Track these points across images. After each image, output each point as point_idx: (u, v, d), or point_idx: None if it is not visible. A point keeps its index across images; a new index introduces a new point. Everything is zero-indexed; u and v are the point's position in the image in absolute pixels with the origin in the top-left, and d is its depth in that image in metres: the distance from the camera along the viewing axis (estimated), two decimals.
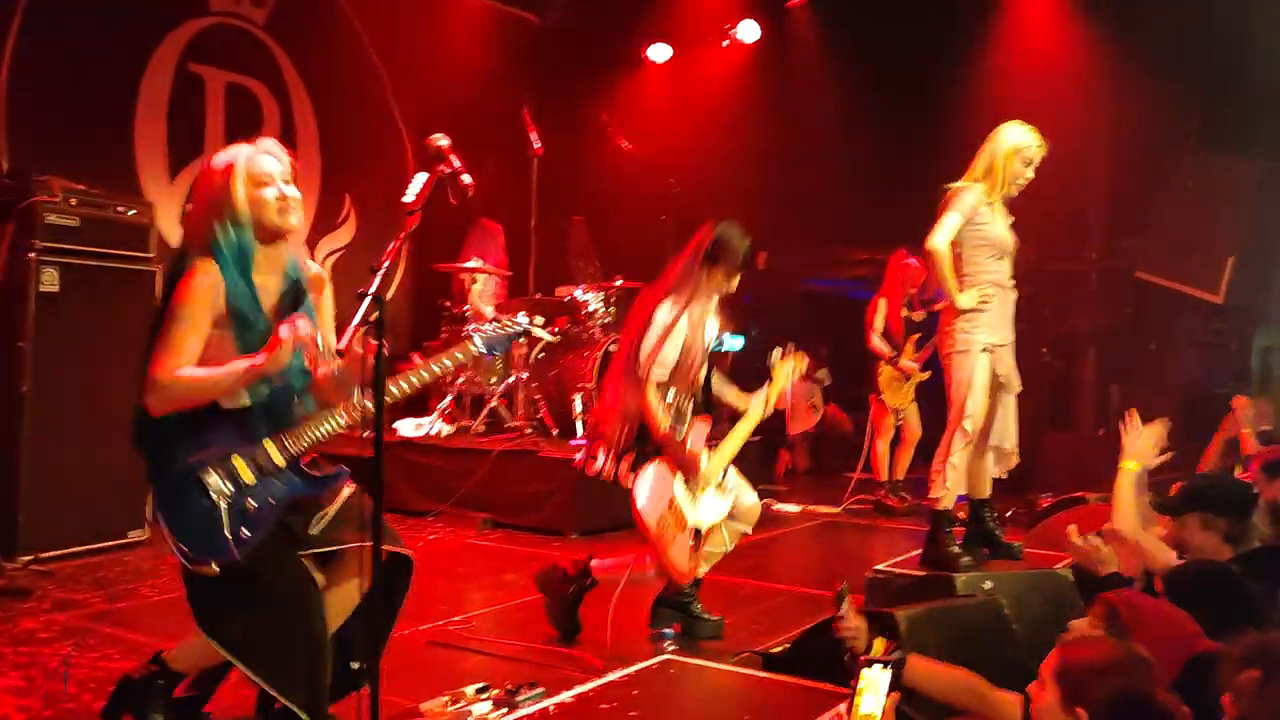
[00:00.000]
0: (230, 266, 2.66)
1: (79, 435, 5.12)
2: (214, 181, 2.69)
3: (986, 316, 4.31)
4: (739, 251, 3.89)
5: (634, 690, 2.71)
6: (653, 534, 3.60)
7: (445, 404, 7.15)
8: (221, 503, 2.59)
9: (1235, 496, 3.14)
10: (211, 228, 2.66)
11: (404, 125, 8.07)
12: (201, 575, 2.65)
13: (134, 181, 6.52)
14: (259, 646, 2.63)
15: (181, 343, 2.59)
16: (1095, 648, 2.02)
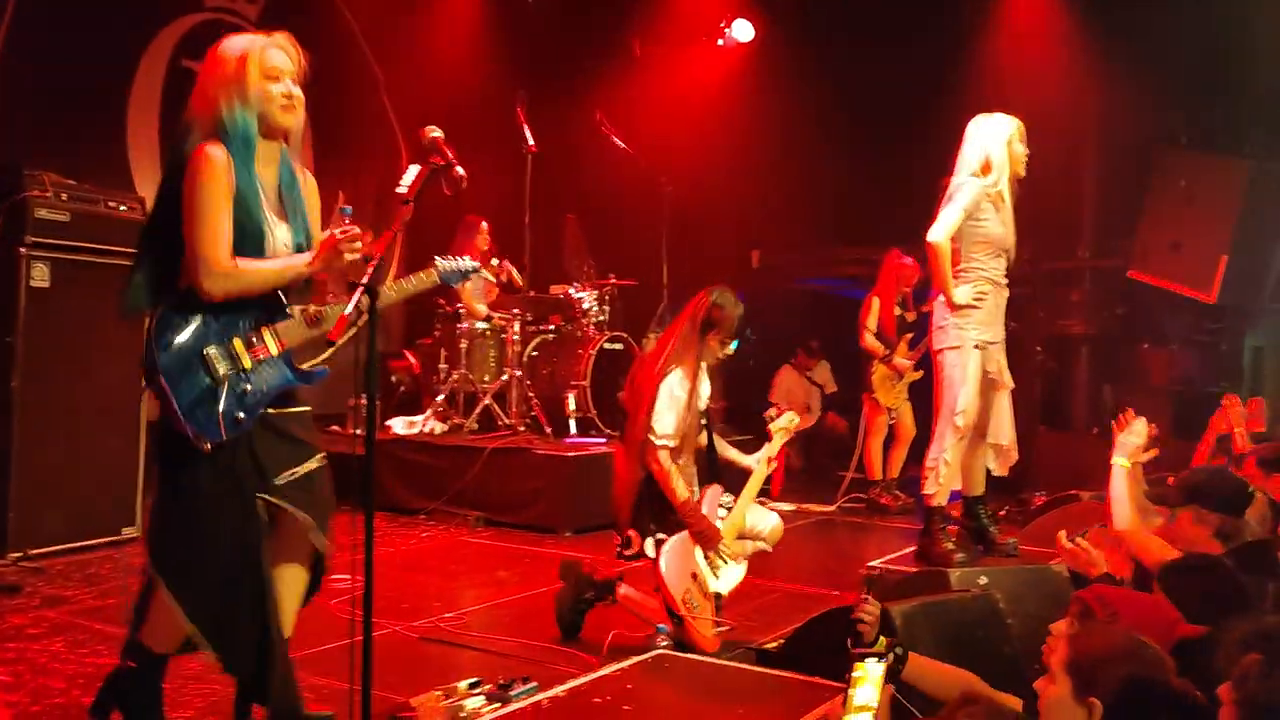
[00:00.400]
0: (237, 151, 2.66)
1: (69, 431, 5.09)
2: (226, 65, 2.68)
3: (979, 313, 4.31)
4: (734, 319, 3.99)
5: (628, 684, 2.70)
6: (680, 611, 3.66)
7: (438, 402, 7.13)
8: (223, 383, 2.63)
9: (1230, 493, 3.14)
10: (219, 109, 2.65)
11: (397, 121, 8.06)
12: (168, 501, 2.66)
13: (126, 177, 6.49)
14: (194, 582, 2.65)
15: (219, 225, 2.61)
16: (1106, 637, 2.02)
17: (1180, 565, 2.76)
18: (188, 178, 2.64)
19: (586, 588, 4.03)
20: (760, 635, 3.95)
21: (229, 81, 2.67)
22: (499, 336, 7.26)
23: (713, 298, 3.97)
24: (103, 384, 5.26)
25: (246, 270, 2.65)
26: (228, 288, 2.63)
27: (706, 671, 2.98)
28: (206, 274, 2.61)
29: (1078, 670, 1.92)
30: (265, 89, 2.69)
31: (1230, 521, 3.09)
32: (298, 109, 2.76)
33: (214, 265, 2.61)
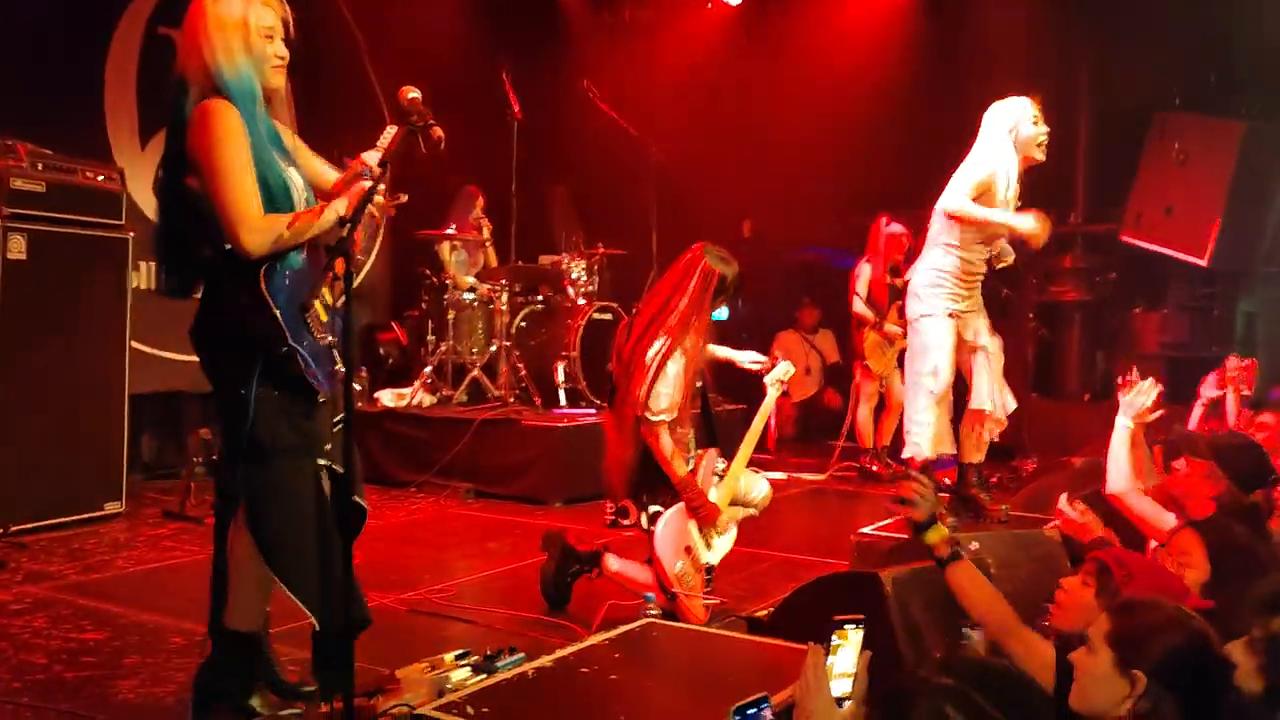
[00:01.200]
0: (245, 106, 2.62)
1: (52, 406, 5.03)
2: (224, 21, 2.62)
3: (952, 285, 4.38)
4: (733, 280, 3.87)
5: (615, 654, 2.66)
6: (673, 587, 3.62)
7: (426, 374, 7.07)
8: (321, 337, 2.67)
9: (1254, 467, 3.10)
10: (218, 65, 2.60)
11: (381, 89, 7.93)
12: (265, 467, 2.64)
13: (104, 146, 6.36)
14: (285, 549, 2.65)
15: (246, 181, 2.57)
16: (1150, 608, 1.95)
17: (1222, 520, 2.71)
18: (199, 138, 2.58)
19: (571, 560, 3.99)
20: (750, 603, 3.92)
21: (229, 38, 2.62)
22: (487, 307, 7.19)
23: (714, 266, 3.83)
24: (83, 357, 5.20)
25: (283, 222, 2.60)
26: (269, 242, 2.59)
27: (695, 640, 2.95)
28: (248, 231, 2.56)
29: (1121, 642, 1.86)
30: (263, 48, 2.67)
31: (1234, 492, 3.06)
32: (284, 69, 2.74)
33: (253, 222, 2.57)
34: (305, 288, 2.66)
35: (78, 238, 5.15)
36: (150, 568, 4.52)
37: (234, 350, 2.65)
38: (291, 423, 2.66)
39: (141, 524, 5.29)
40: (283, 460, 2.65)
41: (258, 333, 2.58)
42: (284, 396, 2.64)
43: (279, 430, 2.64)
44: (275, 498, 2.66)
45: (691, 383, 3.82)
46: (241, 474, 2.65)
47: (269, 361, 2.59)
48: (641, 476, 3.78)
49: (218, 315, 2.69)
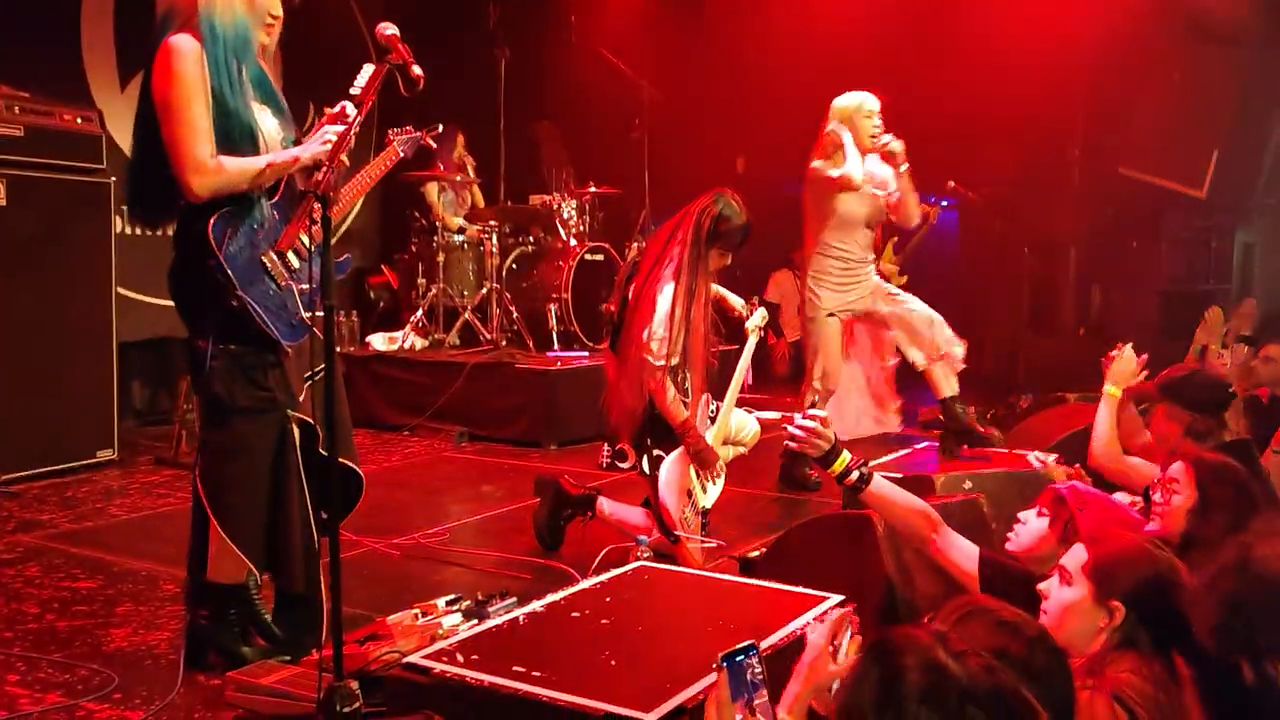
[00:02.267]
0: (222, 47, 2.58)
1: (39, 355, 5.00)
2: None
3: (832, 280, 4.86)
4: (739, 230, 3.76)
5: (606, 598, 2.65)
6: (677, 531, 3.60)
7: (417, 317, 7.02)
8: (288, 285, 2.64)
9: (1205, 393, 3.10)
10: (212, 6, 2.57)
11: (366, 27, 7.75)
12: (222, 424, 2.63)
13: (82, 87, 6.23)
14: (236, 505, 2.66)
15: (197, 120, 2.54)
16: (1122, 539, 2.00)
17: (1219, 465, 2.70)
18: (157, 74, 2.56)
19: (564, 504, 3.98)
20: (743, 544, 3.92)
21: None
22: (477, 249, 7.12)
23: (718, 207, 3.73)
24: (69, 304, 5.15)
25: (231, 167, 2.56)
26: (215, 185, 2.55)
27: (687, 582, 2.94)
28: (192, 171, 2.53)
29: (1099, 574, 1.89)
30: (266, 4, 2.65)
31: (1201, 420, 3.07)
32: (276, 29, 2.73)
33: (198, 163, 2.53)
34: (270, 235, 2.61)
35: (58, 183, 5.07)
36: (143, 515, 4.52)
37: (192, 300, 2.63)
38: (250, 378, 2.63)
39: (134, 471, 5.28)
40: (239, 417, 2.64)
41: (208, 283, 2.55)
42: (243, 351, 2.61)
43: (235, 387, 2.62)
44: (227, 455, 2.65)
45: (699, 325, 3.73)
46: (200, 427, 2.64)
47: (223, 313, 2.55)
48: (645, 420, 3.73)
49: (178, 265, 2.68)
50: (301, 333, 2.68)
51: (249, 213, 2.62)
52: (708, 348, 3.78)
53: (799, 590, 2.64)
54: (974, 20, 7.64)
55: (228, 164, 2.56)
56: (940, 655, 1.26)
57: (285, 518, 2.67)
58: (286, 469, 2.67)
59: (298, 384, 2.71)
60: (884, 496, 2.57)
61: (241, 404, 2.61)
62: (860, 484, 2.54)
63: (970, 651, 1.27)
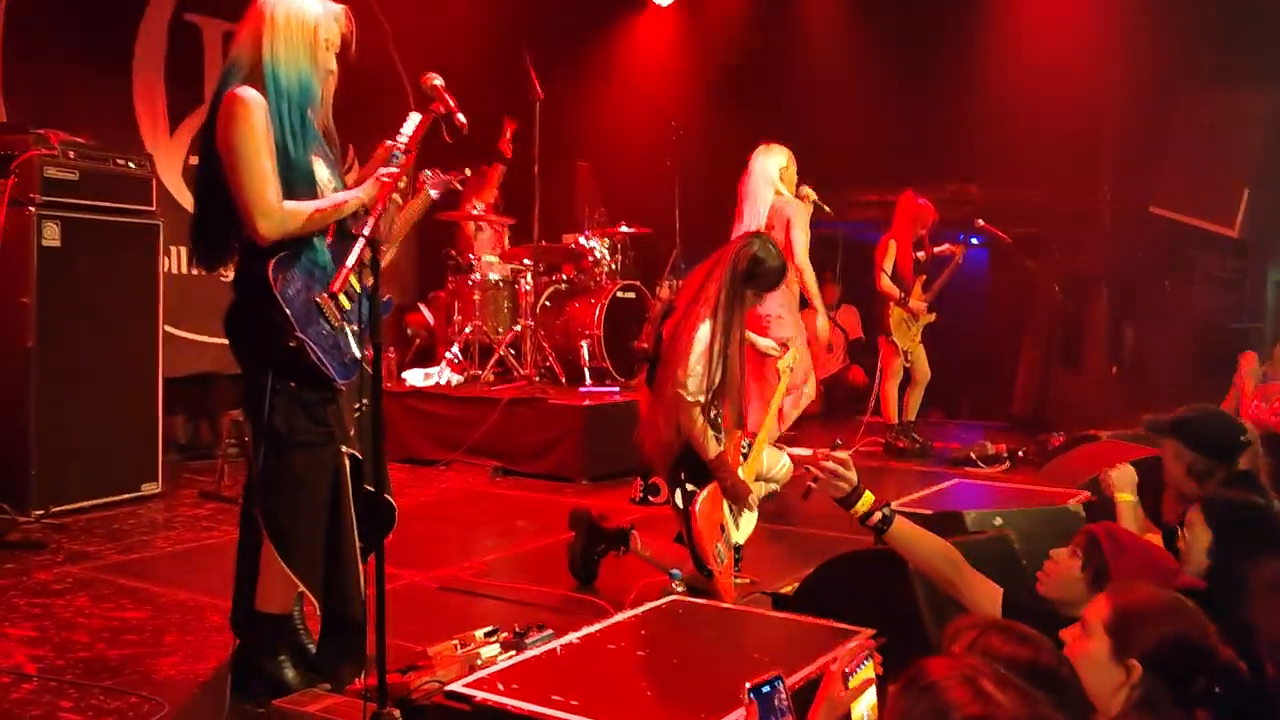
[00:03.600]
0: (286, 99, 2.69)
1: (88, 389, 5.13)
2: (294, 25, 2.71)
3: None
4: (775, 272, 3.85)
5: (642, 630, 2.71)
6: (712, 565, 3.65)
7: (453, 353, 7.13)
8: (340, 326, 2.72)
9: (1211, 434, 3.08)
10: (277, 61, 2.68)
11: (405, 73, 7.95)
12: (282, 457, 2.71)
13: (134, 134, 6.45)
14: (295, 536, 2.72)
15: (263, 167, 2.64)
16: (1147, 594, 1.91)
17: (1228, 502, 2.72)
18: (222, 124, 2.66)
19: (598, 539, 4.04)
20: (776, 580, 3.95)
21: (297, 42, 2.71)
22: (512, 287, 7.24)
23: (754, 249, 3.81)
24: (118, 341, 5.30)
25: (298, 210, 2.67)
26: (285, 229, 2.66)
27: (721, 616, 2.99)
28: (261, 216, 2.63)
29: (1118, 631, 1.83)
30: (326, 59, 2.78)
31: (1201, 460, 3.04)
32: (333, 82, 2.87)
33: (266, 207, 2.63)
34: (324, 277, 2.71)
35: (110, 224, 5.23)
36: (188, 547, 4.62)
37: (252, 339, 2.73)
38: (309, 413, 2.72)
39: (178, 504, 5.39)
40: (299, 451, 2.72)
41: (268, 323, 2.64)
42: (301, 387, 2.70)
43: (295, 421, 2.70)
44: (289, 487, 2.73)
45: (736, 363, 3.79)
46: (260, 461, 2.72)
47: (283, 352, 2.65)
48: (678, 454, 3.79)
49: (238, 305, 2.78)
50: (353, 371, 2.77)
51: (304, 256, 2.72)
52: (742, 385, 3.85)
53: (830, 624, 2.68)
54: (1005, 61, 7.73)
55: (291, 208, 2.66)
56: (987, 685, 1.28)
57: (341, 547, 2.75)
58: (341, 500, 2.75)
59: (349, 418, 2.81)
60: (907, 538, 2.60)
61: (301, 438, 2.70)
62: (883, 525, 2.58)
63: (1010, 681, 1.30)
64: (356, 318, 2.77)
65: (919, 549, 2.60)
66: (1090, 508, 3.85)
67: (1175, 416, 3.21)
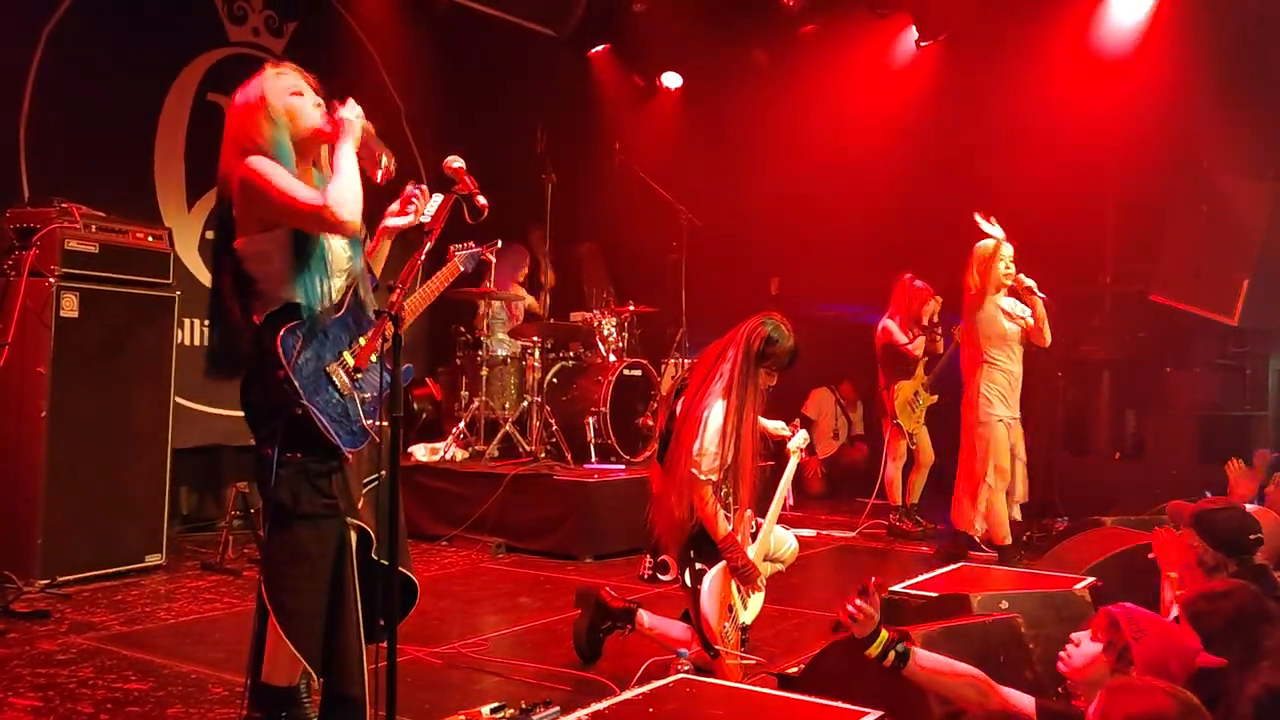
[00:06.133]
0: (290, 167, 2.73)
1: (97, 460, 5.17)
2: (248, 104, 2.76)
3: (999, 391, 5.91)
4: (786, 352, 3.87)
5: (649, 708, 2.70)
6: (718, 645, 3.65)
7: (459, 429, 7.17)
8: (349, 395, 2.74)
9: (1225, 531, 3.13)
10: (257, 140, 2.72)
11: (418, 151, 8.14)
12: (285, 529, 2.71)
13: (153, 209, 6.58)
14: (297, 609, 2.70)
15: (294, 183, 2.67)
16: (1137, 696, 1.94)
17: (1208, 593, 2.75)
18: (243, 188, 2.70)
19: (604, 616, 4.03)
20: (782, 661, 3.94)
21: (255, 114, 2.75)
22: (519, 364, 7.31)
23: (767, 329, 3.83)
24: (130, 412, 5.34)
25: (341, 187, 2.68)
26: (352, 208, 2.67)
27: (727, 696, 2.98)
28: (335, 208, 2.64)
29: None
30: (290, 104, 2.78)
31: (1211, 554, 3.09)
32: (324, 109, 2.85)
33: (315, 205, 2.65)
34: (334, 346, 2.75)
35: (127, 296, 5.33)
36: (191, 619, 4.61)
37: (259, 410, 2.75)
38: (314, 485, 2.72)
39: (181, 576, 5.39)
40: (302, 523, 2.72)
41: (276, 392, 2.67)
42: (307, 458, 2.71)
43: (300, 493, 2.70)
44: (291, 559, 2.72)
45: (748, 442, 3.80)
46: (265, 532, 2.73)
47: (290, 421, 2.68)
48: (689, 533, 3.79)
49: (252, 375, 2.80)
50: (362, 439, 2.78)
51: (315, 327, 2.76)
52: (755, 464, 3.86)
53: (837, 705, 2.67)
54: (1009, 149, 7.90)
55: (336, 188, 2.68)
56: None
57: (342, 622, 2.74)
58: (343, 574, 2.74)
59: (357, 491, 2.83)
60: (929, 670, 2.60)
61: (304, 510, 2.71)
62: (900, 664, 2.58)
63: None
64: (368, 386, 2.80)
65: (944, 678, 2.59)
66: (1096, 592, 3.85)
67: (1198, 507, 3.25)
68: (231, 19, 7.14)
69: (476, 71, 8.64)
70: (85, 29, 6.23)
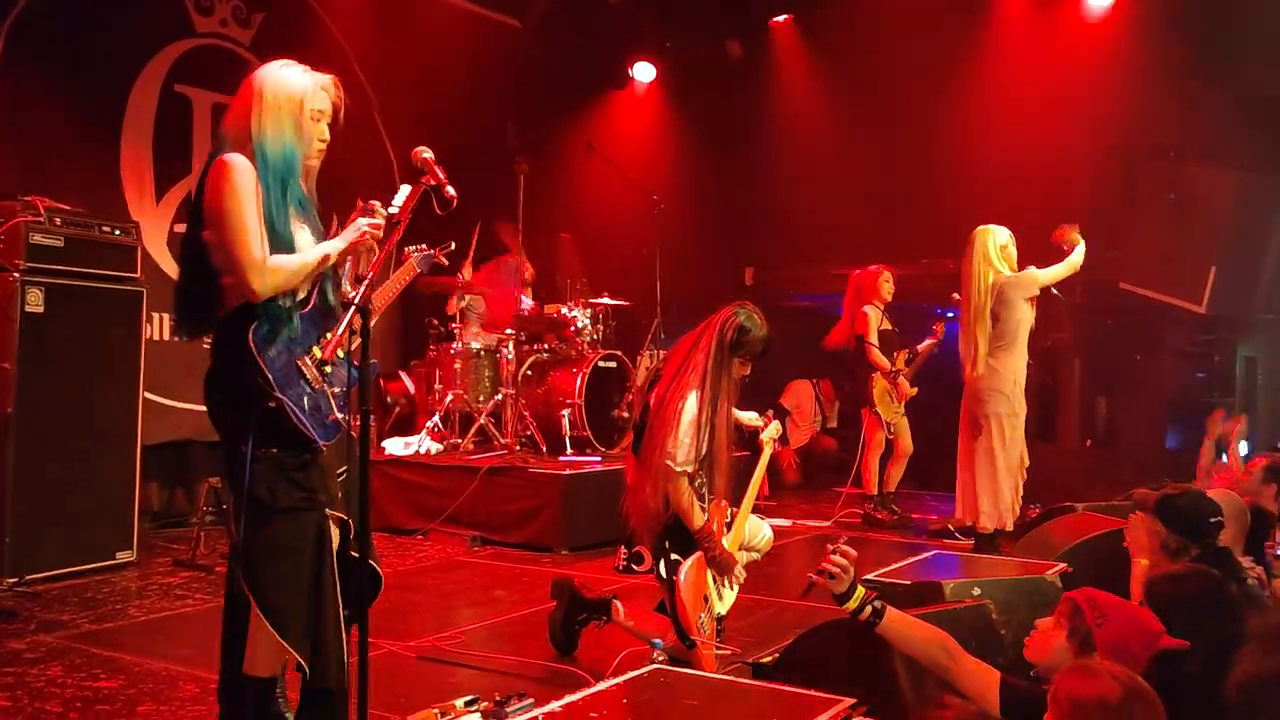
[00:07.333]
0: (271, 172, 2.70)
1: (66, 456, 5.11)
2: (279, 97, 2.74)
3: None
4: (759, 341, 3.85)
5: (623, 699, 2.70)
6: (694, 636, 3.65)
7: (433, 422, 7.14)
8: (319, 389, 2.72)
9: (1190, 516, 3.17)
10: (263, 134, 2.70)
11: (390, 143, 8.09)
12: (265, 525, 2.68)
13: (120, 202, 6.51)
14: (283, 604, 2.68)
15: (252, 226, 2.65)
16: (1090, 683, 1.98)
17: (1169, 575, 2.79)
18: (211, 188, 2.69)
19: (580, 608, 4.03)
20: (757, 650, 3.95)
21: (282, 115, 2.73)
22: (493, 356, 7.28)
23: (740, 318, 3.83)
24: (98, 407, 5.28)
25: (284, 264, 2.68)
26: (274, 283, 2.67)
27: (702, 685, 2.98)
28: (254, 273, 2.64)
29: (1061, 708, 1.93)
30: (313, 130, 2.79)
31: (1174, 538, 3.13)
32: (322, 153, 2.87)
33: (259, 264, 2.65)
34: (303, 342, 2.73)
35: (94, 290, 5.26)
36: (162, 616, 4.57)
37: (231, 404, 2.72)
38: (290, 479, 2.70)
39: (152, 572, 5.34)
40: (282, 518, 2.70)
41: (248, 385, 2.65)
42: (282, 452, 2.69)
43: (277, 488, 2.68)
44: (273, 555, 2.70)
45: (722, 433, 3.80)
46: (241, 530, 2.71)
47: (263, 416, 2.65)
48: (666, 525, 3.79)
49: (217, 371, 2.77)
50: (334, 432, 2.77)
51: (283, 321, 2.74)
52: (730, 455, 3.86)
53: (812, 693, 2.69)
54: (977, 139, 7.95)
55: (278, 261, 2.69)
56: None
57: (324, 614, 2.73)
58: (324, 566, 2.74)
59: (333, 483, 2.81)
60: (899, 629, 2.64)
61: (284, 504, 2.69)
62: (874, 619, 2.61)
63: None
64: (338, 381, 2.78)
65: (912, 640, 2.63)
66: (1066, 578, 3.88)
67: (1159, 494, 3.29)
68: (198, 10, 7.06)
69: (448, 63, 8.59)
70: (48, 21, 6.14)
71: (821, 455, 9.26)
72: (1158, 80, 7.19)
